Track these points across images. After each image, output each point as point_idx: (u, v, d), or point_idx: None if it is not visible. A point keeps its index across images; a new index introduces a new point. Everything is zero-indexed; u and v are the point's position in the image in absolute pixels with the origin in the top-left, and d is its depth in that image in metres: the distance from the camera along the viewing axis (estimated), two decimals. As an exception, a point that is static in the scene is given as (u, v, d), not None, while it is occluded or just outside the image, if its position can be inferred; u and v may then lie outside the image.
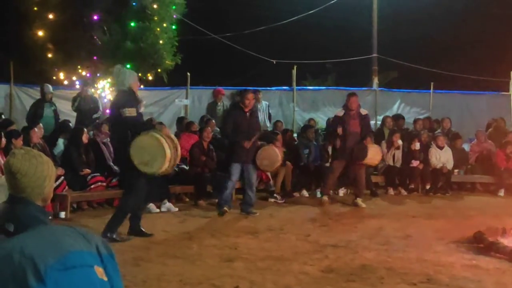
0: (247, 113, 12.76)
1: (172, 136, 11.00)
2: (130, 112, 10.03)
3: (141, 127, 10.42)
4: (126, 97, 10.31)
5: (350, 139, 14.08)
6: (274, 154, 13.56)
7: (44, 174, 3.61)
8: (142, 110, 10.64)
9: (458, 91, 22.26)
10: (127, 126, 10.07)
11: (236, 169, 12.74)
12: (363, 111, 14.62)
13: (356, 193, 14.57)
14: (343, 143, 14.15)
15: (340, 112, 14.41)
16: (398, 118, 18.55)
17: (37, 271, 2.43)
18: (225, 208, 12.60)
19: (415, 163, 16.51)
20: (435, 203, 15.06)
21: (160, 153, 10.13)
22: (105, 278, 2.63)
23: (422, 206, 14.46)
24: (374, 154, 14.53)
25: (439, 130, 18.52)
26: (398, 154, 16.64)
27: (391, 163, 16.62)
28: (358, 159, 14.17)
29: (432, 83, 21.02)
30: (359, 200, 14.26)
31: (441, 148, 16.70)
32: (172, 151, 10.20)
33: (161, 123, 15.21)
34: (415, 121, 18.67)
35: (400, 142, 16.69)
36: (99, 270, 2.61)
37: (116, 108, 10.23)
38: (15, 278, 2.43)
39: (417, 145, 16.67)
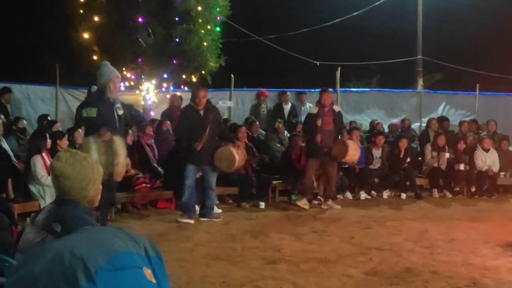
0: (200, 112, 12.15)
1: (118, 142, 9.99)
2: (89, 112, 10.06)
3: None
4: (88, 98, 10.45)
5: (325, 137, 13.86)
6: (230, 154, 12.29)
7: (88, 177, 3.66)
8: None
9: (504, 93, 22.00)
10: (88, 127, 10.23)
11: (190, 172, 12.01)
12: (336, 108, 14.59)
13: (329, 194, 14.31)
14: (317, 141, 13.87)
15: (314, 109, 14.13)
16: (443, 120, 18.35)
17: (88, 272, 2.46)
18: (187, 220, 11.82)
19: (460, 165, 16.33)
20: (480, 206, 14.87)
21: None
22: (154, 280, 2.64)
23: (467, 209, 14.29)
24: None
25: (484, 133, 18.32)
26: (443, 156, 16.45)
27: (436, 165, 16.44)
28: (338, 157, 14.02)
29: (477, 85, 20.77)
30: (331, 202, 14.16)
31: (486, 150, 16.50)
32: (102, 157, 9.72)
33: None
34: (461, 123, 18.50)
35: (447, 155, 16.51)
36: (147, 272, 2.63)
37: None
38: (65, 278, 2.46)
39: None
